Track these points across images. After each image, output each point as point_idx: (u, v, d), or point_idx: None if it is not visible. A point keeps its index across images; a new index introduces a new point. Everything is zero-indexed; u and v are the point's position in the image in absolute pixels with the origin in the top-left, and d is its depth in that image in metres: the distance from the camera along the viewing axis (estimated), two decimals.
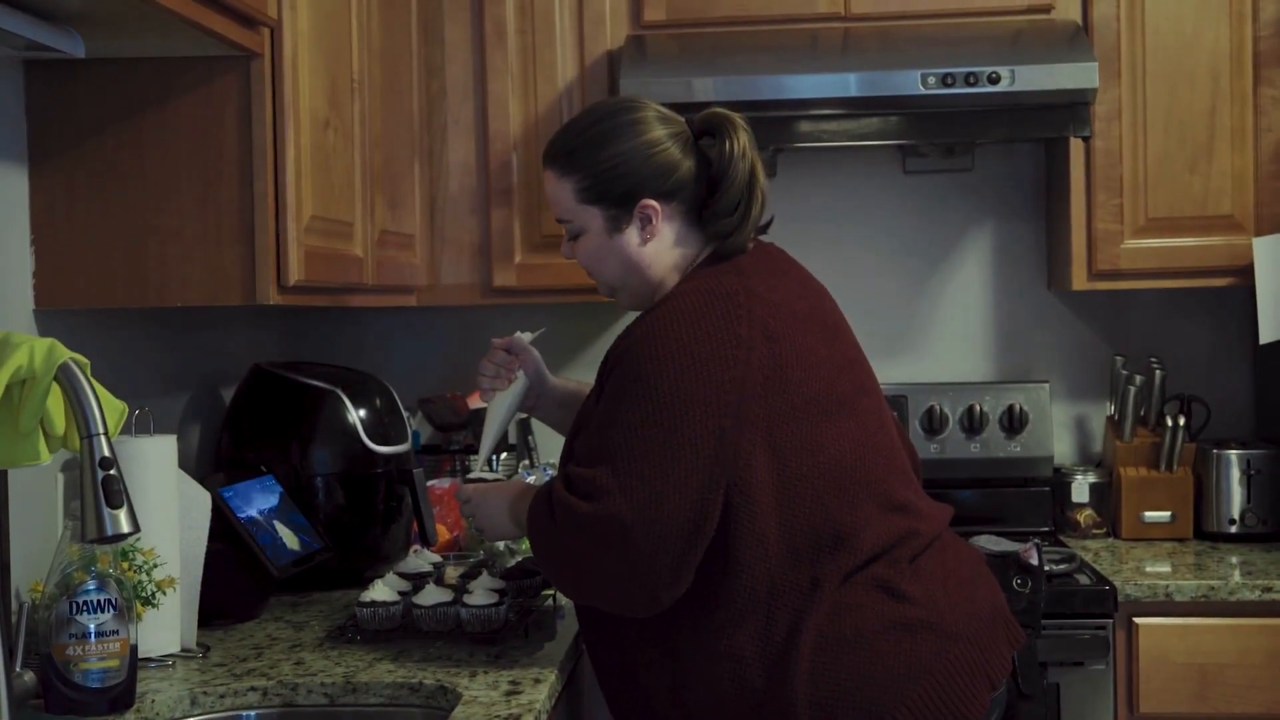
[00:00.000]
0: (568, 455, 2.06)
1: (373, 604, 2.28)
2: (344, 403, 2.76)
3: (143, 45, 2.09)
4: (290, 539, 2.54)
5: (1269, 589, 2.72)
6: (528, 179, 3.13)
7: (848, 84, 2.93)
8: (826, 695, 1.87)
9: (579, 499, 1.92)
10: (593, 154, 2.08)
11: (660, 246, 2.09)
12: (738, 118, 2.09)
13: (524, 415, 3.24)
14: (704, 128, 2.10)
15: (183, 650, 2.21)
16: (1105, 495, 3.24)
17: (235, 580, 2.43)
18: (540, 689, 1.98)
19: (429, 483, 3.00)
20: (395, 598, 2.31)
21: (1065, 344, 3.45)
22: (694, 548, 1.89)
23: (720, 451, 1.89)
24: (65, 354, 1.72)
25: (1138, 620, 2.75)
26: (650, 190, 2.07)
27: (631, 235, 2.09)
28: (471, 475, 2.33)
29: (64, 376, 1.71)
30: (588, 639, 2.11)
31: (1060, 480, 3.29)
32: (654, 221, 2.07)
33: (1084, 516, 3.23)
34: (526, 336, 2.34)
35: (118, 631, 1.88)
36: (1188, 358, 3.40)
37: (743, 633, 1.91)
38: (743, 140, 2.07)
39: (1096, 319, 3.45)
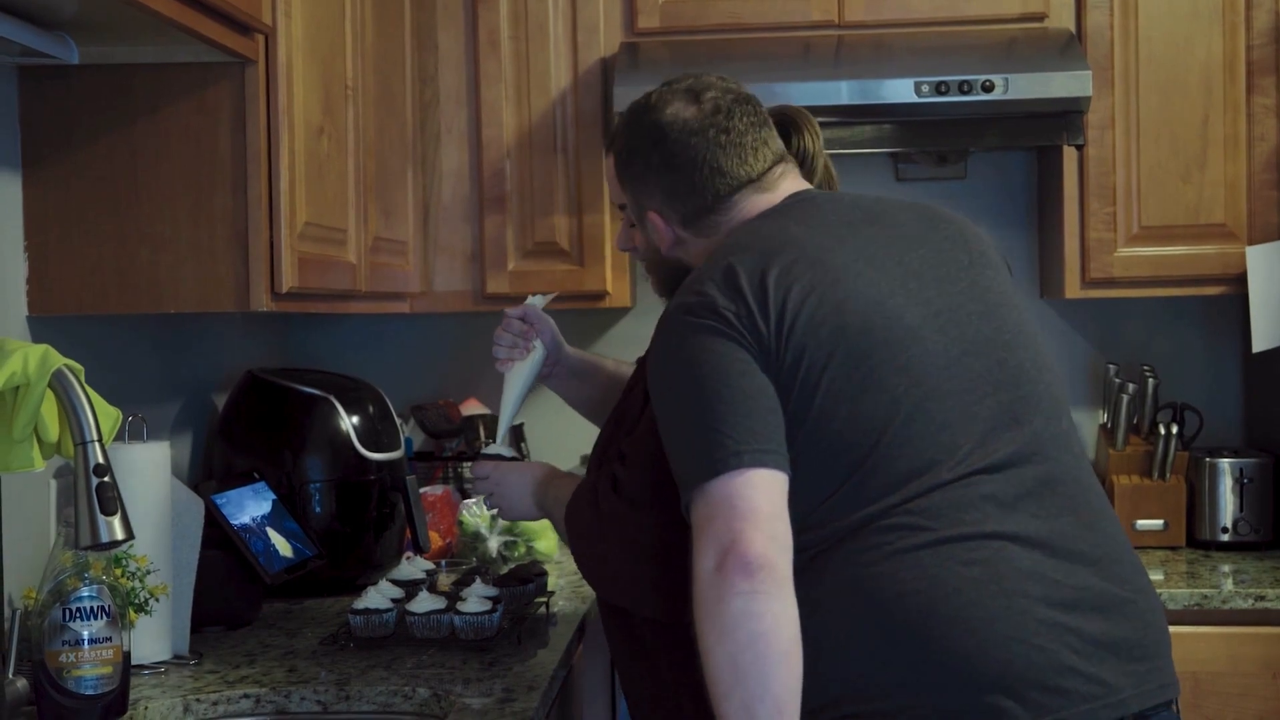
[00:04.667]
0: (604, 452, 2.01)
1: (366, 611, 2.28)
2: (337, 409, 2.76)
3: (137, 52, 2.09)
4: (283, 546, 2.54)
5: (1261, 598, 2.73)
6: (521, 186, 3.13)
7: (840, 92, 2.93)
8: None
9: (625, 504, 1.90)
10: None
11: None
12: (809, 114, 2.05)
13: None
14: (779, 120, 2.02)
15: (175, 657, 2.20)
16: None
17: (228, 587, 2.43)
18: (533, 696, 1.98)
19: (422, 490, 2.99)
20: (388, 605, 2.31)
21: (1058, 352, 3.45)
22: None
23: None
24: (59, 360, 1.72)
25: None
26: None
27: None
28: (487, 451, 2.23)
29: (58, 383, 1.71)
30: (617, 653, 2.05)
31: None
32: None
33: None
34: (540, 301, 2.24)
35: (111, 638, 1.87)
36: (1180, 366, 3.41)
37: None
38: (819, 135, 2.04)
39: (1089, 327, 3.46)
